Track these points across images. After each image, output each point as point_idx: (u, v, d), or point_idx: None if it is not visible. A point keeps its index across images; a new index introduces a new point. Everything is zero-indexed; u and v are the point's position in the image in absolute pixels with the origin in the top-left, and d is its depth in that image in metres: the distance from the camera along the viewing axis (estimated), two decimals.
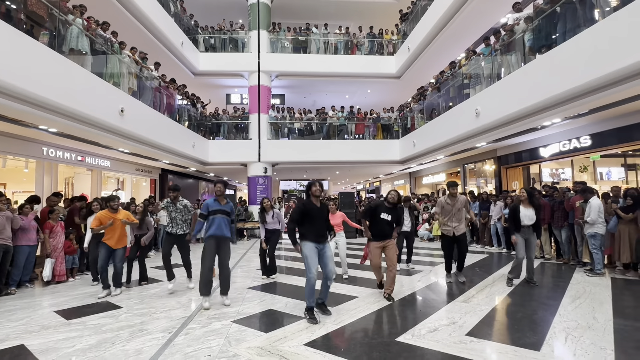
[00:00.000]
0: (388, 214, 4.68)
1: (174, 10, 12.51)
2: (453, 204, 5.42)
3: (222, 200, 4.63)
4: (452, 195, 5.43)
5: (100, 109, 7.16)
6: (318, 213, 4.02)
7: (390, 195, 4.79)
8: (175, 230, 5.26)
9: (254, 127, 14.16)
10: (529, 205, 5.28)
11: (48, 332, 3.63)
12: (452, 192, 5.42)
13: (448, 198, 5.49)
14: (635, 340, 3.13)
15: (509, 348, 3.02)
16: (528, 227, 5.27)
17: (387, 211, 4.69)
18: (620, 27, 5.03)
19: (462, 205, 5.44)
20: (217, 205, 4.55)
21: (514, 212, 5.34)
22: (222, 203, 4.61)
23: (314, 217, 3.97)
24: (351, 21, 16.42)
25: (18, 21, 5.71)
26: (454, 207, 5.40)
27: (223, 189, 4.71)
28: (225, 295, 4.57)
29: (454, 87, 10.44)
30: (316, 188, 4.07)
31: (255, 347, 3.13)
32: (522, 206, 5.31)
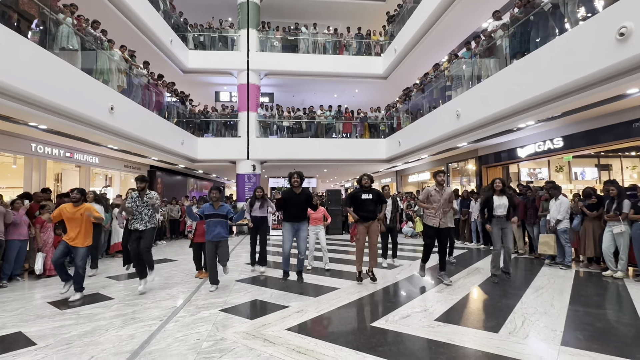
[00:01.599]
0: (368, 194, 5.23)
1: (163, 8, 12.57)
2: (441, 193, 5.25)
3: (217, 204, 5.08)
4: (440, 184, 5.27)
5: (90, 106, 7.29)
6: (296, 197, 5.16)
7: (364, 180, 5.30)
8: (138, 226, 4.87)
9: (243, 125, 14.33)
10: (502, 194, 5.44)
11: (43, 321, 3.82)
12: (439, 180, 5.26)
13: (436, 186, 5.32)
14: (582, 323, 3.50)
15: (470, 330, 3.35)
16: (502, 217, 5.36)
17: (366, 192, 5.24)
18: (586, 38, 5.41)
19: (448, 197, 5.28)
20: (212, 210, 5.04)
21: (488, 201, 5.46)
22: (216, 207, 5.07)
23: (292, 201, 5.05)
24: (340, 22, 16.69)
25: (9, 19, 5.82)
26: (441, 198, 5.22)
27: (218, 195, 5.09)
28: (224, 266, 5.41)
29: (437, 89, 10.82)
30: (294, 179, 5.16)
31: (241, 332, 3.40)
32: (495, 196, 5.44)
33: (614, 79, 5.13)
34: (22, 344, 3.19)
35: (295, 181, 5.18)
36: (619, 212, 5.50)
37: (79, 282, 4.68)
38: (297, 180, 5.19)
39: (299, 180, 5.20)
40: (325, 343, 3.11)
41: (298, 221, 5.22)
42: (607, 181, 6.13)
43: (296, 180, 5.18)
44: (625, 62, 4.77)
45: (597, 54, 5.19)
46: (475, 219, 9.31)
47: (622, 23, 4.73)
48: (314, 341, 3.16)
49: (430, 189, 5.37)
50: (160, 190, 14.84)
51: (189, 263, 7.04)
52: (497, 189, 5.48)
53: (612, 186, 5.72)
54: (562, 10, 6.26)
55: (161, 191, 14.90)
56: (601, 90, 5.51)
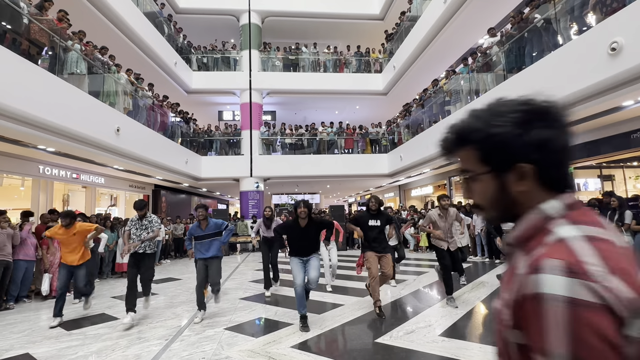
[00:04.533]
0: (376, 220, 4.67)
1: (168, 32, 12.98)
2: (445, 217, 5.02)
3: (204, 224, 4.72)
4: (444, 208, 5.05)
5: (97, 128, 7.47)
6: (300, 233, 4.21)
7: (371, 202, 4.80)
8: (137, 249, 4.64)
9: (246, 142, 14.53)
10: None
11: (50, 342, 3.86)
12: (443, 205, 5.05)
13: (440, 211, 5.08)
14: None
15: (475, 345, 3.35)
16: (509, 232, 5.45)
17: (374, 217, 4.70)
18: (579, 53, 5.55)
19: (452, 219, 5.08)
20: (199, 232, 4.70)
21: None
22: (203, 227, 4.71)
23: (296, 236, 4.23)
24: (339, 40, 17.08)
25: (20, 46, 6.06)
26: (447, 222, 5.01)
27: (205, 213, 4.77)
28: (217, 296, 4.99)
29: (436, 104, 10.99)
30: (301, 210, 4.14)
31: (246, 350, 3.41)
32: None
33: (608, 92, 5.23)
34: None
35: (302, 212, 4.14)
36: (621, 223, 5.51)
37: (85, 292, 4.94)
38: (304, 210, 4.15)
39: (305, 211, 4.16)
40: None
41: (307, 255, 4.26)
42: (606, 193, 6.16)
43: (302, 210, 4.14)
44: (618, 75, 4.88)
45: (590, 69, 5.31)
46: (479, 232, 9.30)
47: (614, 38, 4.87)
48: (319, 358, 3.17)
49: (433, 215, 5.08)
50: (164, 209, 14.95)
51: (193, 282, 7.02)
52: None
53: (613, 197, 5.75)
54: (554, 27, 6.44)
55: (165, 210, 15.01)
56: (597, 103, 5.60)
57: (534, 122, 0.63)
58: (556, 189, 0.65)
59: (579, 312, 0.50)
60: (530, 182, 0.64)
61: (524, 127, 0.63)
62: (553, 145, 0.63)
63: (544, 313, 0.52)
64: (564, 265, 0.53)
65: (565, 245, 0.56)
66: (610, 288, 0.51)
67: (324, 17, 15.59)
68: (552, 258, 0.55)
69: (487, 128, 0.65)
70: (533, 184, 0.64)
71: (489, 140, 0.65)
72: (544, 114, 0.65)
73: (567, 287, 0.51)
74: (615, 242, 0.58)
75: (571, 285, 0.51)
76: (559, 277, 0.52)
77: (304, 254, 4.26)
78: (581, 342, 0.49)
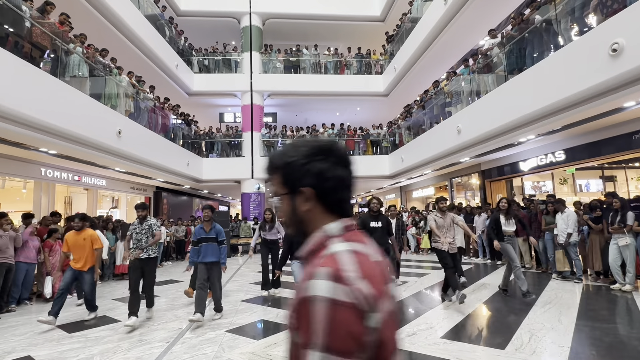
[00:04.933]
0: (377, 221, 4.81)
1: (169, 34, 13.02)
2: (444, 219, 5.18)
3: (208, 226, 4.73)
4: (441, 210, 5.21)
5: (99, 131, 7.49)
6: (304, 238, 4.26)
7: (373, 204, 4.91)
8: (140, 253, 4.62)
9: (247, 144, 14.54)
10: (508, 215, 5.38)
11: (52, 344, 3.86)
12: (440, 207, 5.22)
13: (438, 213, 5.25)
14: (590, 338, 3.48)
15: (477, 347, 3.34)
16: (511, 236, 5.37)
17: (375, 219, 4.83)
18: (580, 54, 5.54)
19: (451, 221, 5.22)
20: (202, 233, 4.71)
21: (496, 222, 5.38)
22: (207, 230, 4.72)
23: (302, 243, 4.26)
24: (340, 42, 17.09)
25: (22, 50, 6.09)
26: (445, 222, 5.17)
27: (210, 214, 4.77)
28: (218, 312, 4.79)
29: (437, 105, 10.98)
30: None
31: (247, 353, 3.41)
32: (502, 215, 5.38)
33: (609, 93, 5.21)
34: None
35: None
36: (624, 224, 5.49)
37: (90, 304, 4.87)
38: None
39: None
40: None
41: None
42: (609, 193, 6.14)
43: None
44: (619, 76, 4.87)
45: (591, 70, 5.30)
46: (481, 233, 9.27)
47: (615, 39, 4.86)
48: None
49: (435, 218, 5.18)
50: (165, 211, 14.97)
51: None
52: (503, 209, 5.41)
53: (615, 199, 5.73)
54: (555, 28, 6.43)
55: (167, 212, 15.03)
56: (598, 104, 5.59)
57: (316, 156, 0.79)
58: (337, 212, 0.81)
59: (334, 309, 0.63)
60: (313, 204, 0.80)
61: (308, 159, 0.79)
62: (328, 175, 0.79)
63: (310, 311, 0.63)
64: (329, 273, 0.66)
65: (334, 257, 0.70)
66: (359, 289, 0.65)
67: (325, 19, 15.61)
68: (323, 267, 0.68)
69: (285, 158, 0.82)
70: (316, 206, 0.80)
71: (284, 168, 0.82)
72: (325, 151, 0.81)
73: (329, 289, 0.64)
74: (370, 255, 0.74)
75: (332, 288, 0.64)
76: (324, 282, 0.65)
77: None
78: (333, 332, 0.61)
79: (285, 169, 0.82)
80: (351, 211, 0.86)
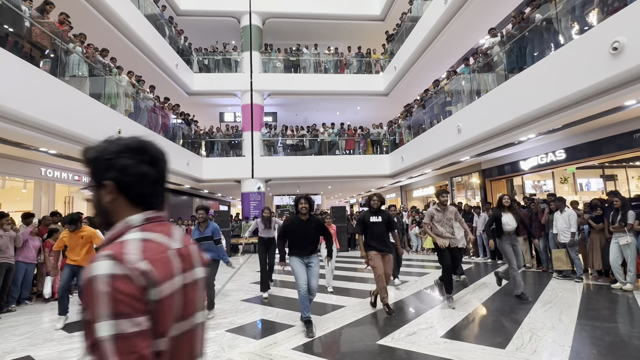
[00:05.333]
0: (377, 216, 4.74)
1: (169, 34, 13.01)
2: (443, 212, 5.08)
3: (203, 226, 4.83)
4: (442, 204, 5.09)
5: (99, 130, 7.47)
6: (303, 227, 4.15)
7: (373, 201, 4.80)
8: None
9: (247, 144, 14.53)
10: (511, 210, 5.27)
11: (52, 344, 3.86)
12: (441, 200, 5.08)
13: (437, 206, 5.14)
14: (591, 337, 3.47)
15: (477, 347, 3.33)
16: (511, 234, 5.21)
17: (375, 214, 4.75)
18: (581, 53, 5.52)
19: (452, 215, 5.11)
20: (198, 234, 4.79)
21: (496, 218, 5.29)
22: (202, 230, 4.81)
23: (299, 232, 4.16)
24: (340, 41, 17.08)
25: (22, 49, 6.08)
26: (444, 217, 5.07)
27: (205, 215, 4.84)
28: (209, 310, 4.76)
29: (437, 105, 10.97)
30: (302, 205, 4.15)
31: (247, 352, 3.40)
32: (504, 212, 5.25)
33: (610, 91, 5.20)
34: None
35: (303, 207, 4.16)
36: (624, 223, 5.48)
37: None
38: (305, 206, 4.17)
39: (307, 207, 4.17)
40: None
41: (308, 254, 4.16)
42: (611, 192, 6.12)
43: (304, 206, 4.16)
44: (620, 75, 4.85)
45: (592, 68, 5.28)
46: (481, 233, 9.26)
47: (615, 38, 4.84)
48: None
49: (432, 210, 5.18)
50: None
51: None
52: (506, 205, 5.29)
53: (616, 197, 5.71)
54: (556, 27, 6.41)
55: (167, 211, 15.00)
56: (599, 102, 5.58)
57: (122, 153, 0.86)
58: (142, 205, 0.89)
59: (112, 281, 0.70)
60: (115, 197, 0.86)
61: (114, 155, 0.86)
62: (131, 171, 0.86)
63: (92, 289, 0.70)
64: (110, 255, 0.74)
65: (123, 244, 0.78)
66: (137, 267, 0.74)
67: (325, 18, 15.60)
68: (106, 251, 0.75)
69: (94, 153, 0.88)
70: (119, 198, 0.87)
71: (93, 162, 0.88)
72: (133, 150, 0.88)
73: (108, 267, 0.72)
74: (166, 244, 0.85)
75: (111, 265, 0.72)
76: (104, 262, 0.73)
77: (305, 253, 4.15)
78: (112, 299, 0.69)
79: (93, 163, 0.88)
80: (160, 205, 0.95)
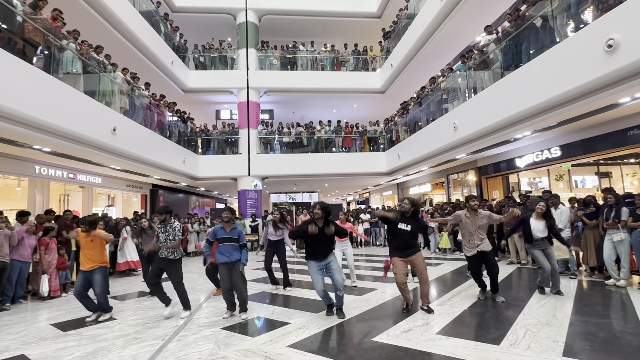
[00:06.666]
0: (407, 224, 4.44)
1: (165, 31, 12.92)
2: (473, 219, 4.77)
3: (229, 227, 4.67)
4: (473, 209, 4.77)
5: (94, 128, 7.43)
6: (317, 235, 4.25)
7: (403, 205, 4.56)
8: (166, 253, 4.75)
9: (244, 142, 14.49)
10: (541, 217, 5.04)
11: (46, 343, 3.84)
12: (472, 206, 4.76)
13: (468, 212, 4.81)
14: (585, 333, 3.49)
15: (472, 343, 3.35)
16: (542, 240, 5.01)
17: (405, 221, 4.46)
18: (576, 50, 5.54)
19: (483, 222, 4.77)
20: (224, 233, 4.63)
21: (523, 222, 5.09)
22: (227, 230, 4.65)
23: (313, 238, 4.28)
24: (336, 38, 17.02)
25: (15, 46, 6.01)
26: (474, 224, 4.75)
27: (231, 216, 4.73)
28: (244, 312, 4.67)
29: (434, 102, 10.97)
30: (317, 212, 4.30)
31: (242, 350, 3.40)
32: (533, 218, 5.06)
33: (604, 89, 5.23)
34: None
35: (317, 214, 4.30)
36: (618, 220, 5.51)
37: (104, 306, 4.77)
38: (319, 212, 4.29)
39: (320, 213, 4.29)
40: (326, 359, 3.11)
41: (324, 256, 4.32)
42: (605, 189, 6.16)
43: (317, 212, 4.30)
44: (615, 72, 4.88)
45: (587, 66, 5.30)
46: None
47: (610, 35, 4.86)
48: (315, 357, 3.17)
49: (462, 215, 4.85)
50: None
51: (191, 281, 7.04)
52: (540, 212, 5.01)
53: (610, 194, 5.74)
54: (551, 24, 6.42)
55: None
56: (594, 100, 5.60)
57: None
58: None
59: None
60: None
61: None
62: None
63: None
64: None
65: None
66: None
67: (321, 15, 15.54)
68: None
69: None
70: None
71: None
72: None
73: None
74: None
75: None
76: None
77: (321, 256, 4.33)
78: None
79: None
80: None
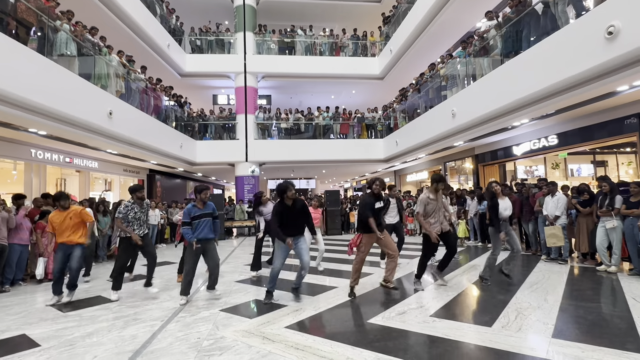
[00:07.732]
0: (380, 202, 4.68)
1: (160, 12, 12.67)
2: (437, 200, 4.84)
3: (201, 205, 4.64)
4: (436, 191, 4.84)
5: (89, 111, 7.36)
6: (290, 211, 4.42)
7: (375, 185, 4.69)
8: (141, 231, 4.98)
9: (241, 127, 14.42)
10: (504, 196, 5.13)
11: (47, 323, 3.90)
12: (438, 188, 4.83)
13: (430, 194, 4.85)
14: (574, 316, 3.59)
15: (465, 325, 3.44)
16: (504, 221, 5.05)
17: (377, 200, 4.67)
18: (576, 37, 5.51)
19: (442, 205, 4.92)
20: (198, 211, 4.58)
21: (496, 207, 4.98)
22: (201, 207, 4.62)
23: (287, 215, 4.40)
24: (335, 23, 16.79)
25: (7, 27, 5.90)
26: (438, 203, 4.85)
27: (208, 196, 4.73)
28: (213, 289, 4.78)
29: (432, 89, 10.92)
30: (291, 192, 4.42)
31: (240, 330, 3.47)
32: (500, 199, 5.02)
33: (604, 76, 5.22)
34: (26, 345, 3.27)
35: (293, 194, 4.46)
36: (612, 207, 5.59)
37: (72, 282, 4.79)
38: (293, 192, 4.46)
39: (294, 192, 4.48)
40: (322, 339, 3.19)
41: (294, 235, 4.44)
42: (600, 177, 6.21)
43: (292, 193, 4.45)
44: (614, 60, 4.87)
45: (587, 53, 5.28)
46: (472, 216, 9.38)
47: (611, 22, 4.83)
48: (312, 338, 3.24)
49: (425, 198, 4.85)
50: (159, 194, 14.91)
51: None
52: (498, 192, 5.02)
53: (604, 182, 5.80)
54: (552, 10, 6.36)
55: (160, 194, 14.97)
56: (592, 88, 5.60)
57: None
58: None
59: None
60: None
61: None
62: None
63: None
64: None
65: None
66: None
67: None
68: None
69: None
70: None
71: None
72: None
73: None
74: None
75: None
76: None
77: (293, 232, 4.43)
78: None
79: None
80: None
